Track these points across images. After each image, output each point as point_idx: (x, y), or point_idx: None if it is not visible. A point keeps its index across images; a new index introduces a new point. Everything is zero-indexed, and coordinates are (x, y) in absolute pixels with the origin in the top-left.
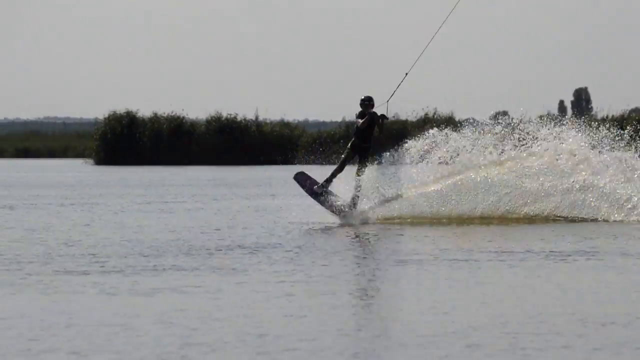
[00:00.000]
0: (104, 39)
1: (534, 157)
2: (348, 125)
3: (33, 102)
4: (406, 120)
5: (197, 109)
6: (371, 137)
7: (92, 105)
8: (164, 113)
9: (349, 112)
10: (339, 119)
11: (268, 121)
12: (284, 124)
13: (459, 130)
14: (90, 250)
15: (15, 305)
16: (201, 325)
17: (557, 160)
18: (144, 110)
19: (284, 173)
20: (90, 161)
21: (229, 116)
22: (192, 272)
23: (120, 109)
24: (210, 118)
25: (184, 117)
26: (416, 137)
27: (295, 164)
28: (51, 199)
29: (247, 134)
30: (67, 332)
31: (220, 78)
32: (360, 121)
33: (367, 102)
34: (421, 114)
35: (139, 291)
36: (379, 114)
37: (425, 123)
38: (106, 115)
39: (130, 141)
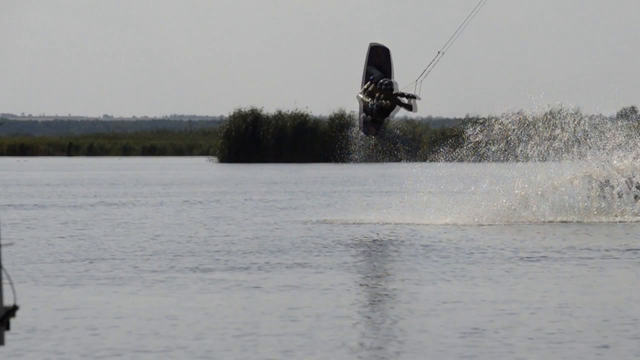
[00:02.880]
0: (229, 38)
1: None
2: (472, 121)
3: (160, 101)
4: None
5: (321, 106)
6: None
7: (218, 103)
8: (288, 111)
9: (472, 109)
10: (463, 116)
11: (392, 118)
12: (407, 121)
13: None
14: (216, 247)
15: (159, 304)
16: (320, 322)
17: None
18: (269, 108)
19: (408, 170)
20: (215, 159)
21: (352, 113)
22: (315, 268)
23: (246, 106)
24: (333, 115)
25: (307, 115)
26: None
27: (418, 160)
28: (175, 196)
29: None
30: (195, 329)
31: (344, 75)
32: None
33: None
34: (546, 109)
35: (266, 288)
36: (406, 93)
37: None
38: (231, 113)
39: (254, 139)
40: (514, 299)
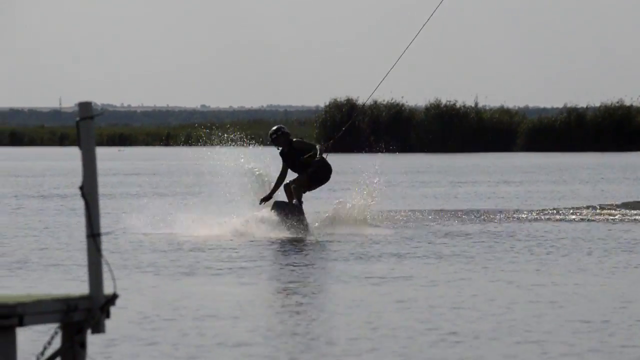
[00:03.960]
0: (325, 27)
1: None
2: (570, 111)
3: (257, 91)
4: (631, 106)
5: (416, 95)
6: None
7: (314, 93)
8: (384, 100)
9: (570, 97)
10: (560, 105)
11: (488, 108)
12: (503, 111)
13: None
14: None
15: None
16: (431, 316)
17: None
18: (364, 98)
19: (499, 161)
20: None
21: (448, 103)
22: (417, 259)
23: (341, 96)
24: (429, 105)
25: (403, 104)
26: None
27: (514, 150)
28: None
29: (466, 120)
30: (322, 320)
31: (440, 64)
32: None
33: (276, 135)
34: None
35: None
36: (323, 148)
37: None
38: (327, 103)
39: (349, 129)
40: None
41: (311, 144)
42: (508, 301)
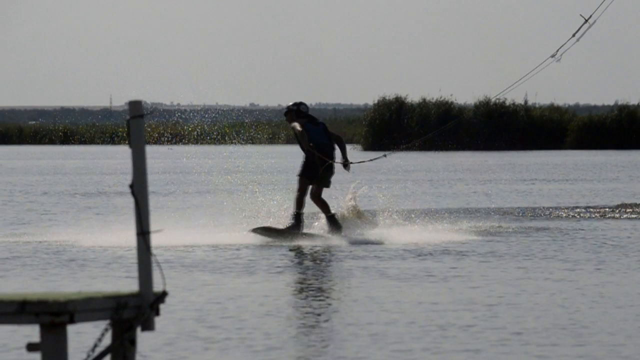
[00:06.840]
0: (374, 26)
1: None
2: (621, 108)
3: (305, 89)
4: None
5: (465, 94)
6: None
7: (362, 91)
8: (432, 98)
9: (622, 95)
10: (611, 102)
11: (537, 106)
12: (553, 109)
13: None
14: None
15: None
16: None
17: None
18: (413, 96)
19: (553, 158)
20: (359, 147)
21: (497, 101)
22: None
23: (390, 94)
24: (478, 103)
25: (452, 103)
26: None
27: (564, 149)
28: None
29: (516, 118)
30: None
31: (489, 62)
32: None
33: (294, 108)
34: None
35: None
36: (344, 162)
37: None
38: (375, 101)
39: (398, 127)
40: None
41: (336, 142)
42: (568, 299)
